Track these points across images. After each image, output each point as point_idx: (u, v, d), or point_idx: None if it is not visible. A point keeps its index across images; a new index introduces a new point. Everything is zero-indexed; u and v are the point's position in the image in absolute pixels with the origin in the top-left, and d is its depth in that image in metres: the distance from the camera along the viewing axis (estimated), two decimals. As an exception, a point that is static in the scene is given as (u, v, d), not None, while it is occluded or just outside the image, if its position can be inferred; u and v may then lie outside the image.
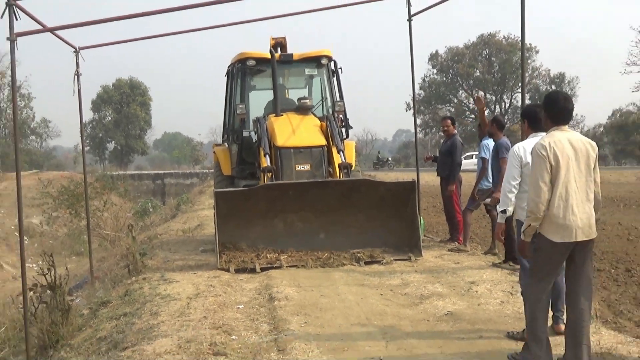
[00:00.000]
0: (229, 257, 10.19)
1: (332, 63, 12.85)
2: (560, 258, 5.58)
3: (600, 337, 6.65)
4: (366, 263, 10.11)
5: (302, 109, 11.99)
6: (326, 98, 13.07)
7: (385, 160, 59.74)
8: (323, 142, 11.20)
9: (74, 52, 11.34)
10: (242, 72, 12.82)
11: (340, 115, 12.18)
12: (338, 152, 11.13)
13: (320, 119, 11.93)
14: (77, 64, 11.43)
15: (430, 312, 7.68)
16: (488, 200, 10.90)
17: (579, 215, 5.42)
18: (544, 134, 6.27)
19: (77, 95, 11.89)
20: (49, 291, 8.87)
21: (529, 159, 5.88)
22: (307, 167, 10.97)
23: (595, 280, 10.15)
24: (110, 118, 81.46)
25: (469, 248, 11.84)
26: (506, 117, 74.43)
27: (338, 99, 12.60)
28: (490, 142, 10.79)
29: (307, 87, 13.78)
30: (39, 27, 8.32)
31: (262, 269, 9.84)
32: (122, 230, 21.39)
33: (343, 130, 12.08)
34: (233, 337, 6.84)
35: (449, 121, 12.46)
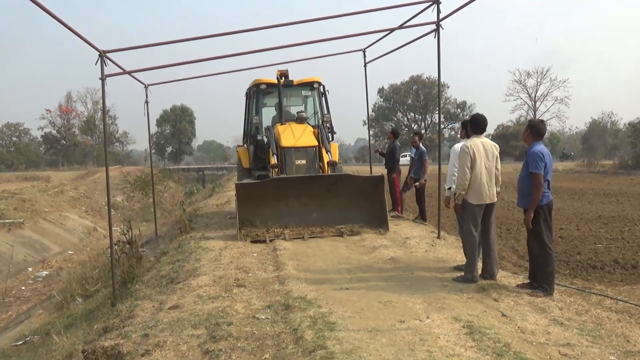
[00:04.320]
0: (246, 232, 9.30)
1: (321, 87, 11.98)
2: (478, 213, 6.26)
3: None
4: (347, 236, 9.26)
5: (300, 120, 11.19)
6: (317, 112, 12.25)
7: (568, 154, 52.28)
8: (315, 143, 10.35)
9: (144, 87, 11.20)
10: (256, 93, 12.02)
11: (328, 124, 11.40)
12: (327, 152, 10.34)
13: (313, 127, 11.08)
14: (146, 95, 11.27)
15: (379, 257, 7.69)
16: (417, 184, 10.99)
17: (486, 188, 6.19)
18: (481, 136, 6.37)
19: (146, 116, 11.77)
20: (127, 245, 8.82)
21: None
22: (304, 161, 10.18)
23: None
24: (168, 131, 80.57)
25: (405, 215, 11.87)
26: (427, 129, 74.74)
27: (326, 112, 11.75)
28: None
29: (303, 104, 12.92)
30: (120, 70, 8.20)
31: (271, 241, 8.99)
32: (176, 205, 21.26)
33: (330, 135, 11.40)
34: (250, 274, 6.82)
35: (391, 133, 12.50)
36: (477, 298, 5.63)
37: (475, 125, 6.34)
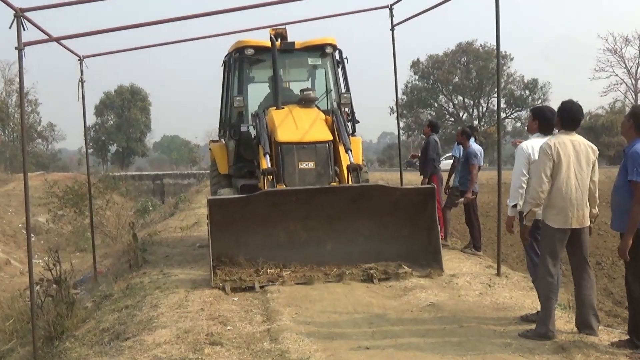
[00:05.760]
0: (224, 274, 8.78)
1: (337, 52, 11.30)
2: (560, 242, 6.19)
3: (573, 325, 6.67)
4: (380, 280, 8.72)
5: (306, 101, 10.47)
6: (331, 90, 11.74)
7: None
8: (329, 137, 9.82)
9: (78, 60, 11.28)
10: (240, 62, 11.28)
11: (346, 109, 10.93)
12: (346, 152, 9.79)
13: (325, 112, 10.58)
14: (82, 71, 11.36)
15: (414, 303, 7.69)
16: (462, 199, 10.97)
17: (575, 206, 6.08)
18: (548, 136, 6.46)
19: (81, 101, 11.82)
20: (54, 285, 8.87)
21: (536, 156, 6.35)
22: (311, 164, 9.58)
23: (569, 273, 10.17)
24: (112, 122, 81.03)
25: (450, 243, 11.86)
26: (483, 120, 74.71)
27: (344, 91, 11.15)
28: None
29: (310, 79, 12.35)
30: (46, 37, 8.28)
31: (262, 287, 8.51)
32: (123, 228, 21.29)
33: (350, 125, 10.97)
34: (228, 327, 6.83)
35: (428, 126, 12.42)
36: (555, 361, 5.61)
37: (566, 116, 6.24)
